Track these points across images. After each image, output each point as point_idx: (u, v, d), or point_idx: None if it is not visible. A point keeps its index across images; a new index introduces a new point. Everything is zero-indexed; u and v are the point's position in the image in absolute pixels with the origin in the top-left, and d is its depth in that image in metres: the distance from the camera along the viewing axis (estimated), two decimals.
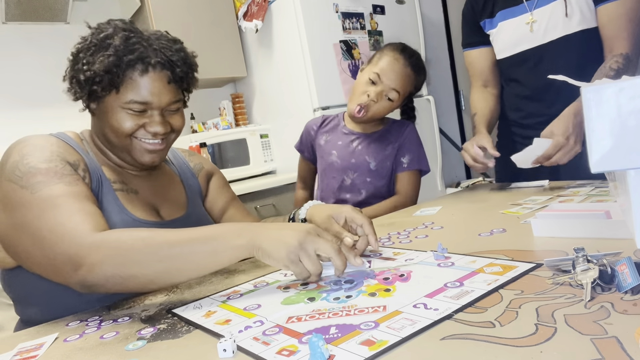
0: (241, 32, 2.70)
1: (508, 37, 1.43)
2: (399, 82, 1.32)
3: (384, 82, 1.32)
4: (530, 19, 1.35)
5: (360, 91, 1.33)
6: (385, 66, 1.33)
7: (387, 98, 1.33)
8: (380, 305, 0.57)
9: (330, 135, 1.45)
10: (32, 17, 2.33)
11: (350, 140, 1.42)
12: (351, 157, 1.40)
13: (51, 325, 0.72)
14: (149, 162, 0.93)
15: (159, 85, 0.88)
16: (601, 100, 0.50)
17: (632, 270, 0.49)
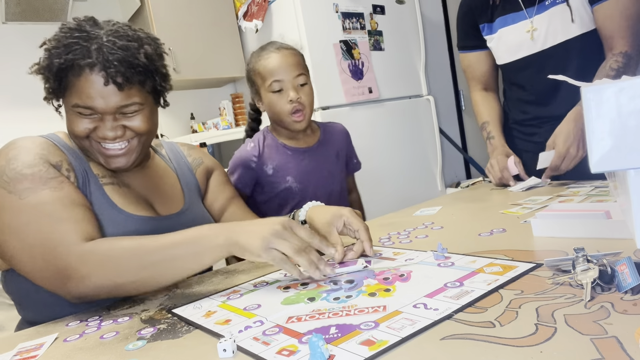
0: (241, 32, 2.70)
1: (509, 44, 1.42)
2: (295, 67, 1.22)
3: (285, 79, 1.20)
4: (530, 27, 1.35)
5: (280, 108, 1.21)
6: (272, 68, 1.22)
7: (301, 85, 1.22)
8: (380, 305, 0.57)
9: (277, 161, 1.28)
10: (32, 17, 2.33)
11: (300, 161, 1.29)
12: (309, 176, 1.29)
13: (51, 325, 0.72)
14: (112, 167, 0.89)
15: (97, 87, 0.82)
16: (601, 101, 0.50)
17: (632, 270, 0.49)
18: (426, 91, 2.76)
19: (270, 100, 1.23)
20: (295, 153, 1.29)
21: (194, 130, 2.74)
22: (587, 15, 1.28)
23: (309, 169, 1.28)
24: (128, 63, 0.84)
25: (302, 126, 1.24)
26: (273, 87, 1.21)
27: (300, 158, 1.29)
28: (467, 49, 1.55)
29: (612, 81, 0.52)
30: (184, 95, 2.83)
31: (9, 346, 0.65)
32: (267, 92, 1.22)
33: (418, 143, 2.70)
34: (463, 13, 1.54)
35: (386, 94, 2.57)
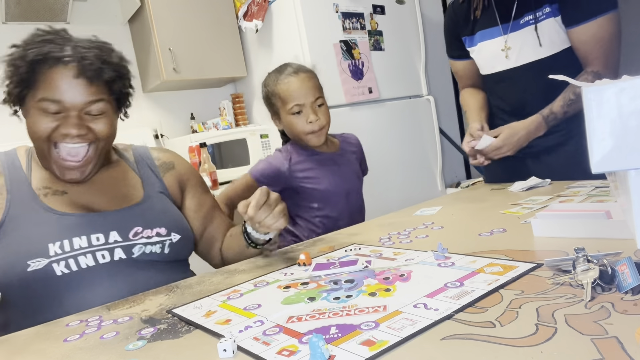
0: (241, 32, 2.70)
1: (486, 57, 1.50)
2: (314, 91, 1.30)
3: (305, 103, 1.27)
4: (505, 46, 1.42)
5: (300, 129, 1.28)
6: (292, 92, 1.27)
7: (319, 106, 1.30)
8: (381, 305, 0.57)
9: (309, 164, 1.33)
10: (32, 17, 2.33)
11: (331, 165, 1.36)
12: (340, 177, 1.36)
13: (51, 325, 0.72)
14: (67, 178, 0.91)
15: (68, 80, 0.84)
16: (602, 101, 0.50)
17: (633, 270, 0.49)
18: (426, 91, 2.76)
19: (291, 122, 1.29)
20: (325, 158, 1.36)
21: (194, 130, 2.74)
22: (558, 37, 1.34)
23: (339, 172, 1.37)
24: (101, 59, 0.88)
25: (320, 142, 1.31)
26: (293, 110, 1.28)
27: (328, 161, 1.36)
28: (454, 58, 1.67)
29: (613, 81, 0.52)
30: (184, 95, 2.83)
31: (10, 346, 0.65)
32: (287, 114, 1.29)
33: (418, 143, 2.70)
34: (447, 25, 1.64)
35: (386, 94, 2.57)
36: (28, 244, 0.85)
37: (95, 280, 0.87)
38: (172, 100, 2.80)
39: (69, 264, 0.86)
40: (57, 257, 0.85)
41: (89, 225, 0.90)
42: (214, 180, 2.19)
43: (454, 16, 1.58)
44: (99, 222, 0.91)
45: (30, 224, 0.87)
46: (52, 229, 0.87)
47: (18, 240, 0.86)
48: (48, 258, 0.84)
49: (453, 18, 1.59)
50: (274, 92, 1.31)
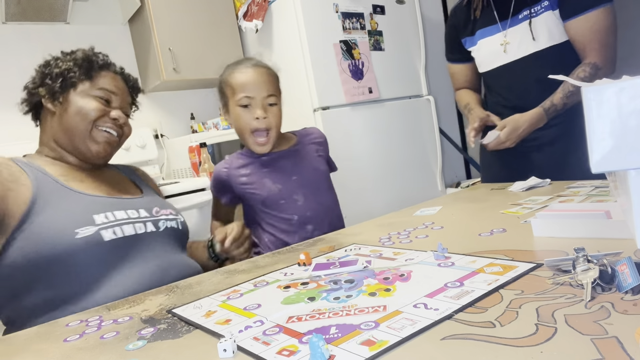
0: (241, 32, 2.70)
1: (486, 54, 1.54)
2: (268, 86, 1.23)
3: (256, 96, 1.21)
4: (504, 41, 1.46)
5: (245, 124, 1.22)
6: (242, 82, 1.21)
7: (270, 105, 1.23)
8: (381, 305, 0.57)
9: (250, 168, 1.28)
10: (32, 17, 2.33)
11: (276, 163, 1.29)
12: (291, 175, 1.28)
13: (51, 325, 0.72)
14: (102, 151, 1.06)
15: (121, 85, 1.11)
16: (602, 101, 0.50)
17: (633, 270, 0.49)
18: (426, 91, 2.76)
19: (237, 114, 1.23)
20: (271, 159, 1.28)
21: (194, 130, 2.74)
22: (557, 29, 1.37)
23: (287, 169, 1.28)
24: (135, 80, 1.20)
25: (265, 150, 1.24)
26: (242, 102, 1.21)
27: (273, 161, 1.28)
28: (452, 61, 1.73)
29: (613, 81, 0.52)
30: (184, 95, 2.83)
31: (10, 346, 0.65)
32: (236, 105, 1.22)
33: (418, 143, 2.70)
34: (447, 29, 1.74)
35: (386, 94, 2.56)
36: (73, 216, 0.93)
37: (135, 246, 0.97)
38: (172, 100, 2.80)
39: (115, 231, 0.95)
40: (104, 225, 0.94)
41: (119, 204, 1.02)
42: None
43: (455, 20, 1.63)
44: (125, 202, 1.04)
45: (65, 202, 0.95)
46: (91, 204, 0.97)
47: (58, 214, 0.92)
48: (96, 226, 0.93)
49: (454, 22, 1.64)
50: (226, 81, 1.25)
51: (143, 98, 2.70)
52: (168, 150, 2.67)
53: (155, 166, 2.63)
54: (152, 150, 2.58)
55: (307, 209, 1.26)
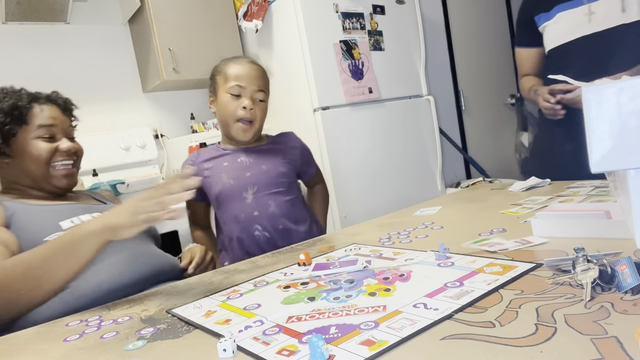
0: (241, 32, 2.70)
1: (564, 26, 1.46)
2: (260, 82, 1.27)
3: (247, 87, 1.24)
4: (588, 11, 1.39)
5: (232, 111, 1.24)
6: (238, 73, 1.25)
7: (259, 100, 1.27)
8: (380, 305, 0.57)
9: (213, 162, 1.30)
10: (32, 17, 2.33)
11: (236, 158, 1.29)
12: (245, 172, 1.26)
13: (51, 325, 0.72)
14: (65, 185, 1.09)
15: (56, 113, 1.10)
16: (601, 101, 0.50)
17: (632, 270, 0.49)
18: (426, 91, 2.76)
19: (225, 102, 1.25)
20: (233, 153, 1.30)
21: (194, 130, 2.74)
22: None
23: (246, 166, 1.28)
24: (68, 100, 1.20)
25: (247, 137, 1.28)
26: (232, 90, 1.24)
27: (236, 156, 1.29)
28: (521, 45, 1.66)
29: (613, 81, 0.52)
30: (184, 95, 2.83)
31: (10, 346, 0.65)
32: (225, 92, 1.25)
33: (418, 143, 2.70)
34: (521, 9, 1.62)
35: (386, 94, 2.56)
36: (40, 224, 0.96)
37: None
38: (172, 100, 2.79)
39: None
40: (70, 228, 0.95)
41: (84, 209, 1.05)
42: None
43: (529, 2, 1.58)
44: (89, 207, 1.07)
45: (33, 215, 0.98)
46: (55, 213, 1.00)
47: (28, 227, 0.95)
48: (63, 231, 0.95)
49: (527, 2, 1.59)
50: (220, 70, 1.29)
51: (143, 98, 2.71)
52: (168, 150, 2.68)
53: (155, 166, 2.62)
54: (152, 150, 2.58)
55: (254, 208, 1.24)
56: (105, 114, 2.57)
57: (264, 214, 1.24)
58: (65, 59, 2.47)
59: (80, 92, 2.50)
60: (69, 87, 2.45)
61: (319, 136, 2.28)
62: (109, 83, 2.59)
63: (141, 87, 2.70)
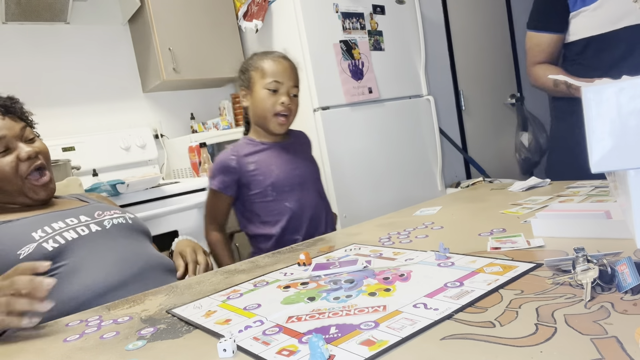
0: (241, 32, 2.70)
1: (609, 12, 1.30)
2: (295, 77, 1.35)
3: (284, 83, 1.31)
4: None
5: (270, 106, 1.30)
6: (275, 69, 1.31)
7: (294, 96, 1.34)
8: (380, 305, 0.57)
9: (256, 156, 1.34)
10: (32, 17, 2.33)
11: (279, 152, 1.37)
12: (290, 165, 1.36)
13: (51, 325, 0.72)
14: (44, 196, 1.07)
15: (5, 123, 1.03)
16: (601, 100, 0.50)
17: (632, 270, 0.49)
18: (426, 91, 2.76)
19: (263, 97, 1.31)
20: (273, 147, 1.37)
21: (194, 130, 2.74)
22: None
23: (290, 160, 1.37)
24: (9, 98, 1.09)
25: (283, 130, 1.35)
26: (270, 86, 1.30)
27: (277, 151, 1.37)
28: (539, 29, 1.46)
29: (613, 81, 0.52)
30: (184, 95, 2.83)
31: (12, 346, 0.65)
32: (263, 88, 1.31)
33: (418, 143, 2.70)
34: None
35: (386, 94, 2.56)
36: (13, 239, 0.94)
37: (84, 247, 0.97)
38: (172, 100, 2.79)
39: (56, 239, 0.96)
40: (43, 238, 0.95)
41: (58, 216, 1.03)
42: None
43: None
44: (63, 213, 1.05)
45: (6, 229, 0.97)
46: (28, 225, 0.98)
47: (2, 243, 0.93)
48: (35, 242, 0.94)
49: None
50: (255, 65, 1.34)
51: (143, 98, 2.71)
52: (168, 150, 2.68)
53: (155, 166, 2.62)
54: (152, 150, 2.58)
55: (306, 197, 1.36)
56: (105, 114, 2.57)
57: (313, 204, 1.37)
58: (65, 59, 2.47)
59: (80, 92, 2.50)
60: (68, 87, 2.46)
61: (319, 136, 2.28)
62: (109, 83, 2.59)
63: (141, 87, 2.70)
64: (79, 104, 2.49)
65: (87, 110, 2.51)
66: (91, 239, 1.00)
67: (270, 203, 1.33)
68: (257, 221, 1.35)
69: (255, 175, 1.32)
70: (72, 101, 2.47)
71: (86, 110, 2.51)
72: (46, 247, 0.94)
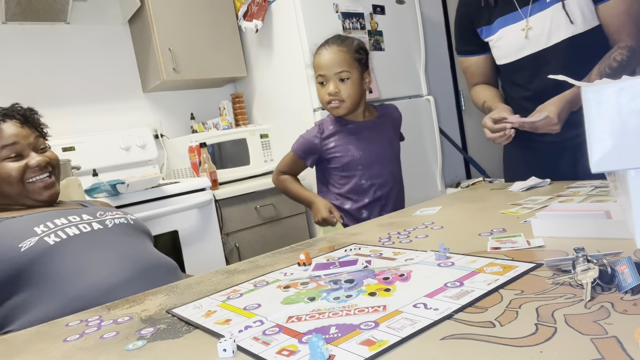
0: (241, 32, 2.70)
1: (509, 44, 1.42)
2: (338, 63, 1.38)
3: (327, 74, 1.39)
4: (525, 26, 1.35)
5: (322, 99, 1.44)
6: (318, 63, 1.42)
7: (342, 80, 1.39)
8: (380, 305, 0.57)
9: (338, 135, 1.47)
10: (32, 17, 2.33)
11: (360, 131, 1.47)
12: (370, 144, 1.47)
13: (51, 325, 0.72)
14: (47, 197, 1.09)
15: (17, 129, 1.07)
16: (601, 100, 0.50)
17: (632, 270, 0.49)
18: (426, 91, 2.76)
19: (318, 91, 1.46)
20: (355, 126, 1.47)
21: (194, 130, 2.74)
22: (590, 12, 1.28)
23: (369, 139, 1.47)
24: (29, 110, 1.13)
25: (340, 113, 1.43)
26: (318, 80, 1.43)
27: (359, 131, 1.47)
28: (464, 54, 1.57)
29: (613, 81, 0.52)
30: (184, 95, 2.83)
31: (10, 346, 0.65)
32: (316, 83, 1.45)
33: (418, 143, 2.70)
34: (459, 18, 1.54)
35: (386, 94, 2.56)
36: (15, 232, 0.95)
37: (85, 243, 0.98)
38: (172, 100, 2.79)
39: (58, 234, 0.97)
40: (45, 232, 0.96)
41: (60, 213, 1.04)
42: (213, 180, 2.19)
43: (467, 8, 1.49)
44: (67, 211, 1.06)
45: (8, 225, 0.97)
46: (30, 220, 0.99)
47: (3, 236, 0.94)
48: (37, 235, 0.95)
49: (465, 10, 1.51)
50: (311, 62, 1.47)
51: (143, 98, 2.71)
52: (168, 150, 2.68)
53: (155, 166, 2.63)
54: (152, 150, 2.58)
55: (378, 176, 1.47)
56: (105, 114, 2.57)
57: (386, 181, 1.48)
58: (65, 59, 2.47)
59: (80, 92, 2.50)
60: (68, 87, 2.46)
61: None
62: (109, 83, 2.59)
63: (141, 87, 2.70)
64: (79, 104, 2.49)
65: (87, 110, 2.52)
66: (93, 236, 1.01)
67: (344, 178, 1.47)
68: (333, 191, 1.50)
69: (334, 153, 1.46)
70: (72, 101, 2.47)
71: (86, 110, 2.51)
72: (47, 241, 0.95)
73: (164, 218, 1.90)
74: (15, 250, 0.92)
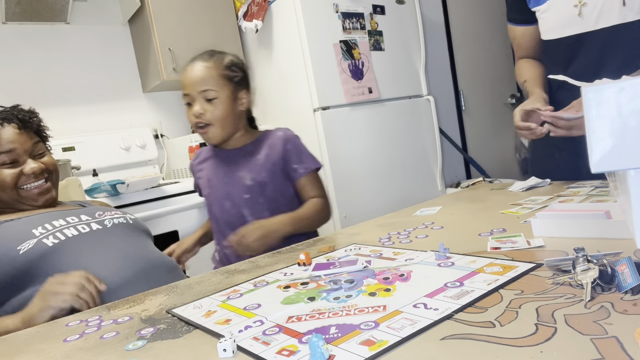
0: (241, 32, 2.70)
1: (556, 18, 1.27)
2: (202, 81, 1.18)
3: (191, 93, 1.19)
4: (579, 2, 1.20)
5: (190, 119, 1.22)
6: (183, 81, 1.21)
7: (208, 100, 1.18)
8: (380, 305, 0.57)
9: (205, 164, 1.32)
10: (32, 17, 2.33)
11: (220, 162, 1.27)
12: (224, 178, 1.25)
13: (51, 325, 0.72)
14: (42, 203, 1.07)
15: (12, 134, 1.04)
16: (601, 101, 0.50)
17: (632, 270, 0.49)
18: (426, 91, 2.76)
19: (186, 113, 1.24)
20: (225, 154, 1.27)
21: (194, 130, 2.74)
22: None
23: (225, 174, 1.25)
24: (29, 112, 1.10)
25: (210, 140, 1.23)
26: (184, 100, 1.22)
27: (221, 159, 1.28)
28: (513, 22, 1.45)
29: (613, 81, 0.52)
30: None
31: (10, 346, 0.65)
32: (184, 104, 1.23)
33: (418, 143, 2.70)
34: None
35: (386, 94, 2.56)
36: (13, 235, 0.95)
37: (84, 244, 0.98)
38: (172, 100, 2.80)
39: (57, 235, 0.97)
40: (43, 234, 0.96)
41: (58, 215, 1.03)
42: None
43: None
44: (63, 212, 1.05)
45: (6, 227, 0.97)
46: (28, 222, 0.99)
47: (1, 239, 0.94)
48: (36, 238, 0.95)
49: None
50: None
51: (143, 98, 2.71)
52: (168, 150, 2.68)
53: (155, 166, 2.63)
54: (152, 150, 2.58)
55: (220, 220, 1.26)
56: (105, 114, 2.57)
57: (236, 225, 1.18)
58: (65, 59, 2.47)
59: (80, 92, 2.50)
60: (68, 87, 2.46)
61: (319, 136, 2.28)
62: (109, 83, 2.59)
63: (141, 87, 2.70)
64: (79, 104, 2.49)
65: (87, 110, 2.52)
66: (92, 236, 1.01)
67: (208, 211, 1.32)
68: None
69: (201, 184, 1.34)
70: (72, 101, 2.47)
71: (86, 110, 2.51)
72: (46, 243, 0.94)
73: (164, 218, 1.90)
74: (14, 252, 0.92)
